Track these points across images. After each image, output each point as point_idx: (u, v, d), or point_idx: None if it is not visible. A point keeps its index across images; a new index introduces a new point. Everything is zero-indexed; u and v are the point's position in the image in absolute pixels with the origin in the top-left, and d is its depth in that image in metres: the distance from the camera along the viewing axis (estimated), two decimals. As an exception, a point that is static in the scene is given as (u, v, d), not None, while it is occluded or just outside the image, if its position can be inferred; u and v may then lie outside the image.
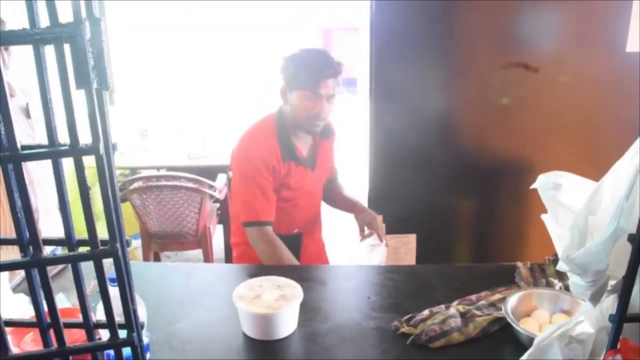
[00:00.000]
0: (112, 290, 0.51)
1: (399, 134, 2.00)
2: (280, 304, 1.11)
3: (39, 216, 1.97)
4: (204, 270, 1.61)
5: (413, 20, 1.90)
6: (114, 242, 0.49)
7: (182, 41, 4.17)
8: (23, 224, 0.46)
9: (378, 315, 1.21)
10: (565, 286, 1.26)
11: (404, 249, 2.08)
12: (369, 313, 1.22)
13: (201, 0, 4.13)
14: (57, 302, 0.50)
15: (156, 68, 4.14)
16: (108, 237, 0.49)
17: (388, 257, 1.67)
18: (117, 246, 0.49)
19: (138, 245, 3.02)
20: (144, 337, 0.58)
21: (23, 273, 0.49)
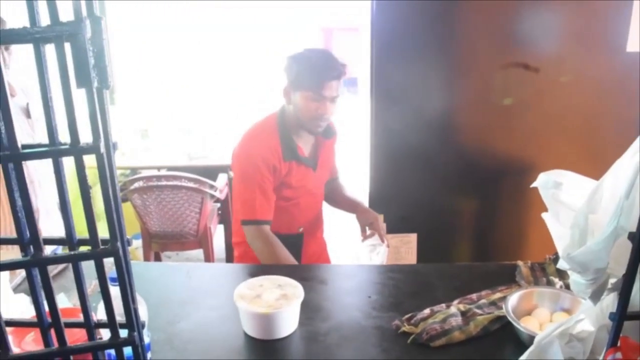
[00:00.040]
0: (112, 290, 0.51)
1: (400, 134, 2.00)
2: (281, 303, 1.11)
3: (39, 216, 1.97)
4: (204, 270, 1.61)
5: (414, 20, 1.90)
6: (114, 242, 0.49)
7: (183, 41, 4.17)
8: (24, 223, 0.46)
9: (379, 314, 1.21)
10: (565, 285, 1.26)
11: (404, 248, 2.08)
12: (370, 312, 1.22)
13: (202, 0, 4.13)
14: (58, 302, 0.50)
15: (157, 68, 4.14)
16: (109, 237, 0.49)
17: (389, 256, 1.67)
18: (118, 245, 0.49)
19: (139, 245, 3.02)
20: (144, 337, 0.58)
21: (24, 273, 0.49)
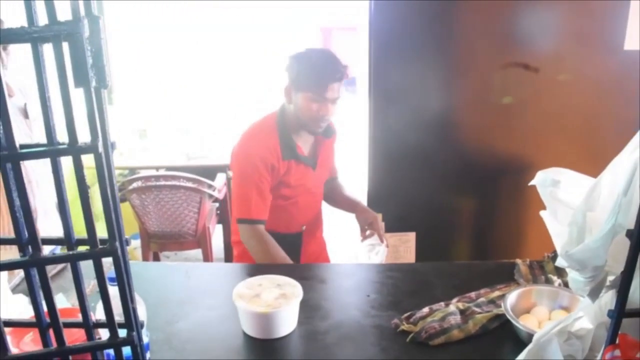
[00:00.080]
0: (111, 290, 0.51)
1: (398, 133, 2.00)
2: (280, 302, 1.11)
3: (37, 216, 1.97)
4: (203, 269, 1.61)
5: (412, 19, 1.90)
6: (113, 241, 0.49)
7: (181, 41, 4.16)
8: (22, 223, 0.46)
9: (378, 313, 1.21)
10: (564, 283, 1.26)
11: (403, 247, 2.08)
12: (369, 311, 1.22)
13: (200, 0, 4.13)
14: (56, 302, 0.50)
15: (155, 68, 4.13)
16: (107, 236, 0.49)
17: (388, 256, 1.67)
18: (117, 245, 0.49)
19: (137, 245, 3.02)
20: (143, 337, 0.58)
21: (22, 273, 0.49)
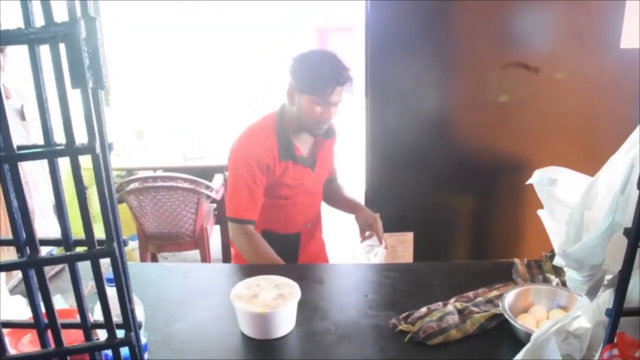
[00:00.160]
0: (109, 291, 0.51)
1: (395, 133, 2.00)
2: (278, 302, 1.11)
3: (34, 217, 1.96)
4: (201, 270, 1.61)
5: (408, 19, 1.90)
6: (111, 242, 0.49)
7: (178, 41, 4.16)
8: (19, 224, 0.46)
9: (376, 313, 1.21)
10: (562, 282, 1.27)
11: (401, 247, 2.08)
12: (367, 311, 1.22)
13: (197, 0, 4.12)
14: (54, 303, 0.50)
15: (152, 68, 4.12)
16: (105, 237, 0.49)
17: (385, 256, 1.67)
18: (114, 246, 0.49)
19: (135, 246, 3.01)
20: (141, 337, 0.58)
21: (20, 275, 0.49)
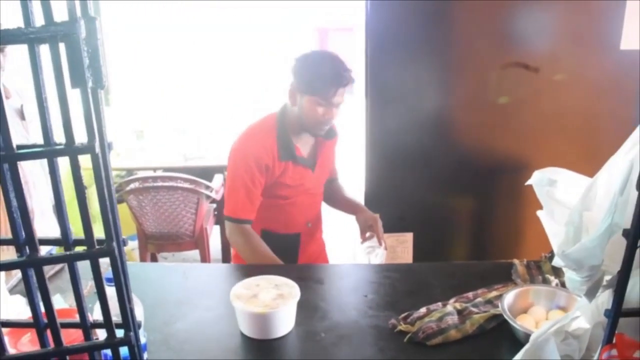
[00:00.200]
0: (108, 290, 0.51)
1: (395, 133, 2.00)
2: (277, 303, 1.11)
3: (34, 217, 1.96)
4: (201, 270, 1.61)
5: (408, 19, 1.90)
6: (110, 242, 0.49)
7: (178, 41, 4.16)
8: (19, 224, 0.46)
9: (375, 313, 1.21)
10: (561, 283, 1.27)
11: (400, 247, 2.09)
12: (366, 311, 1.22)
13: (197, 0, 4.12)
14: (54, 303, 0.50)
15: (152, 68, 4.13)
16: (104, 237, 0.49)
17: (386, 257, 1.67)
18: (114, 245, 0.49)
19: (135, 246, 3.01)
20: (141, 337, 0.58)
21: (20, 274, 0.49)
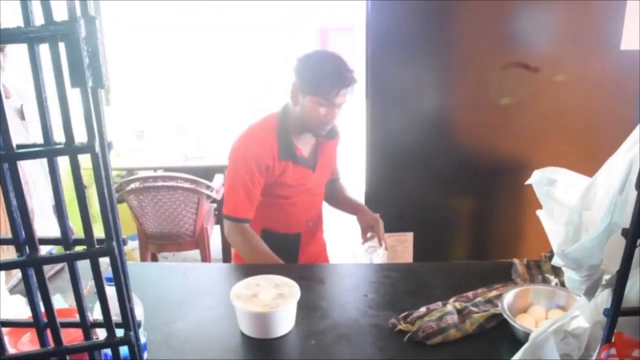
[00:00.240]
0: (108, 290, 0.51)
1: (395, 133, 2.00)
2: (277, 302, 1.11)
3: (34, 217, 1.96)
4: (201, 270, 1.61)
5: (409, 19, 1.90)
6: (110, 241, 0.49)
7: (178, 41, 4.16)
8: (19, 223, 0.46)
9: (375, 312, 1.21)
10: (561, 282, 1.27)
11: (401, 247, 2.09)
12: (366, 311, 1.22)
13: (197, 0, 4.13)
14: (54, 302, 0.50)
15: (152, 68, 4.13)
16: (104, 236, 0.49)
17: (387, 258, 1.67)
18: (114, 245, 0.49)
19: (135, 246, 3.02)
20: (141, 336, 0.58)
21: (20, 274, 0.49)
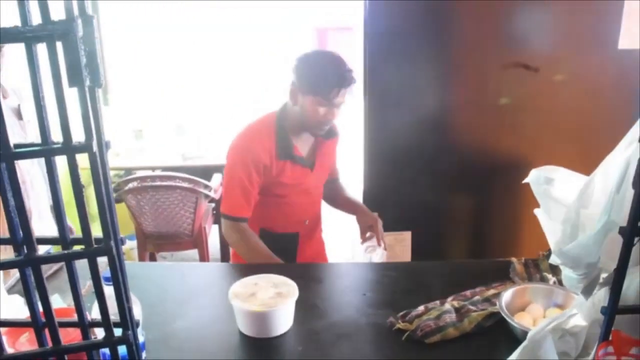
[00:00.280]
0: (106, 290, 0.51)
1: (394, 133, 2.00)
2: (275, 301, 1.11)
3: (31, 217, 1.96)
4: (199, 269, 1.61)
5: (407, 19, 1.90)
6: (108, 240, 0.49)
7: (178, 41, 4.15)
8: (17, 223, 0.46)
9: (374, 311, 1.22)
10: (559, 281, 1.27)
11: (399, 246, 2.09)
12: (365, 310, 1.23)
13: (197, 0, 4.12)
14: (52, 302, 0.50)
15: (151, 68, 4.12)
16: (102, 236, 0.49)
17: (386, 258, 1.67)
18: (112, 244, 0.49)
19: (134, 246, 3.01)
20: (139, 336, 0.58)
21: (18, 274, 0.49)
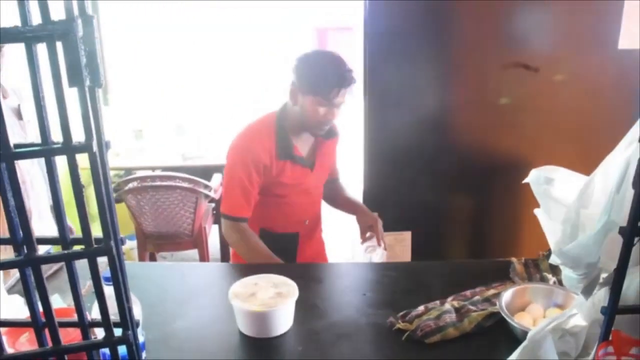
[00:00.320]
0: (106, 290, 0.52)
1: (394, 133, 2.00)
2: (275, 301, 1.11)
3: (31, 217, 1.96)
4: (199, 269, 1.61)
5: (407, 19, 1.90)
6: (108, 240, 0.49)
7: (178, 41, 4.15)
8: (17, 223, 0.46)
9: (374, 311, 1.22)
10: (559, 281, 1.27)
11: (399, 246, 2.09)
12: (365, 310, 1.23)
13: (197, 0, 4.12)
14: (52, 302, 0.50)
15: (151, 68, 4.12)
16: (102, 236, 0.49)
17: (386, 258, 1.67)
18: (112, 244, 0.49)
19: (134, 246, 3.01)
20: (139, 336, 0.58)
21: (18, 274, 0.49)
